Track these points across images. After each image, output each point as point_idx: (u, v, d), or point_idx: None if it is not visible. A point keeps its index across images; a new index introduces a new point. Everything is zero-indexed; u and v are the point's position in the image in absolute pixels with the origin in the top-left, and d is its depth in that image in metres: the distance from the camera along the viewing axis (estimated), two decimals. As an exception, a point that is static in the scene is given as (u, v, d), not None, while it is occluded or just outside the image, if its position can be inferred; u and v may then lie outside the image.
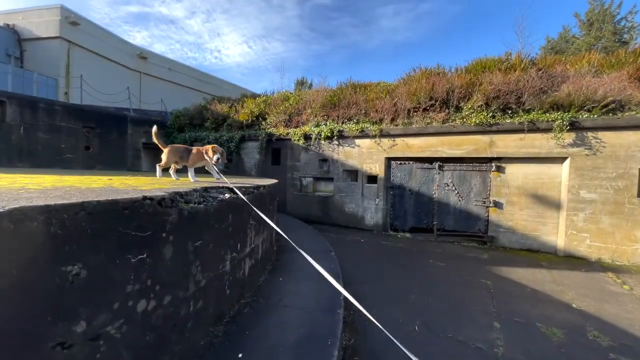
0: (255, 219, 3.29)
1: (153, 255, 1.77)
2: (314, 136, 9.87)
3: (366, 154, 9.31)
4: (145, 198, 1.71)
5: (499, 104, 7.92)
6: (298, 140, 10.24)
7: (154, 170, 4.07)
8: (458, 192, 8.34)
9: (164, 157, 3.84)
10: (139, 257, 1.67)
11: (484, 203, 8.03)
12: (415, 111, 9.00)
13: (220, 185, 2.92)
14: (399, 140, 8.85)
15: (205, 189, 2.62)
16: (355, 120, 9.59)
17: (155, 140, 3.97)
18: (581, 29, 24.61)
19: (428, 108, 8.79)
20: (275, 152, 11.00)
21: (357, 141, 9.44)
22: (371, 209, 9.24)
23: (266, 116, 11.57)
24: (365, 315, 1.57)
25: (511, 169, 7.78)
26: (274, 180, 5.92)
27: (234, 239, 2.72)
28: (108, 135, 12.02)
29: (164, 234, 1.84)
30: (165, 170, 4.04)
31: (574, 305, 4.68)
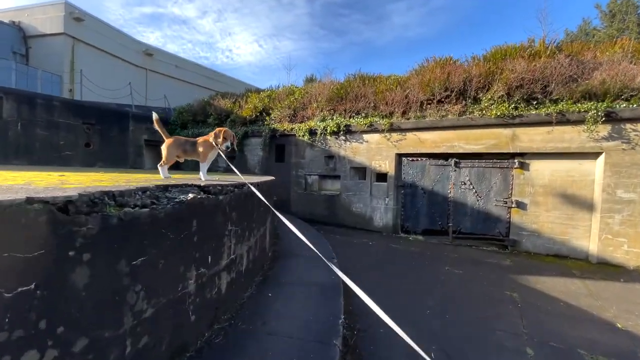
0: (237, 223, 2.73)
1: (48, 286, 1.21)
2: (319, 131, 9.27)
3: (375, 150, 8.66)
4: (31, 201, 1.15)
5: (522, 94, 7.16)
6: (303, 135, 9.66)
7: (158, 168, 3.34)
8: (476, 191, 7.62)
9: (163, 151, 3.17)
10: (20, 289, 1.11)
11: (505, 203, 7.28)
12: (429, 103, 8.29)
13: (190, 183, 2.36)
14: (410, 134, 8.17)
15: (165, 188, 2.06)
16: (363, 114, 8.95)
17: (158, 128, 3.20)
18: (603, 21, 23.27)
19: (443, 100, 8.07)
20: (279, 148, 10.45)
21: (366, 136, 8.79)
22: (380, 209, 8.59)
23: (270, 111, 11.03)
24: (371, 337, 0.96)
25: (536, 165, 7.02)
26: (270, 178, 5.38)
27: (202, 251, 2.15)
28: (109, 132, 11.70)
29: (71, 253, 1.28)
30: (172, 167, 3.35)
31: (618, 325, 3.97)
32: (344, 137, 9.12)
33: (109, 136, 11.69)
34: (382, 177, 8.65)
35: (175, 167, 7.03)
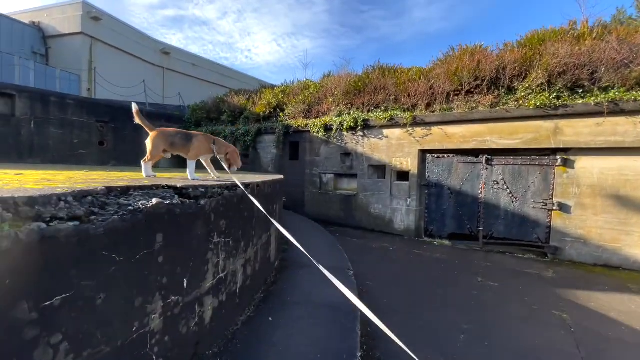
0: (228, 234, 2.20)
1: None
2: (335, 127, 8.67)
3: (396, 147, 7.97)
4: None
5: (565, 82, 6.30)
6: (317, 132, 9.09)
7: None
8: (511, 192, 6.81)
9: (148, 145, 2.76)
10: None
11: (545, 205, 6.45)
12: (457, 94, 7.54)
13: (165, 184, 1.84)
14: (436, 129, 7.43)
15: (125, 191, 1.55)
16: (383, 108, 8.27)
17: (139, 120, 2.81)
18: (638, 10, 21.40)
19: (472, 90, 7.30)
20: (293, 145, 9.93)
21: (385, 131, 8.12)
22: (402, 211, 7.91)
23: (284, 107, 10.52)
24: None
25: (583, 162, 6.15)
26: (278, 177, 4.86)
27: (172, 274, 1.63)
28: (122, 130, 11.54)
29: None
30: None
31: None
32: (361, 133, 8.49)
33: (122, 134, 11.54)
34: (403, 175, 7.96)
35: (178, 164, 6.64)
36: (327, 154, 9.14)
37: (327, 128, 8.93)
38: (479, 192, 7.12)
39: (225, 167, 2.93)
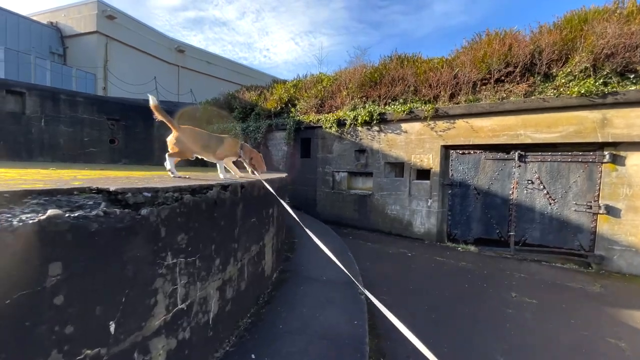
0: (193, 250, 1.68)
1: None
2: (349, 122, 8.05)
3: (415, 142, 7.28)
4: None
5: (614, 65, 5.45)
6: (330, 127, 8.51)
7: (183, 166, 2.90)
8: (548, 192, 6.00)
9: (177, 143, 2.51)
10: None
11: (590, 208, 5.62)
12: (484, 83, 6.77)
13: (88, 187, 1.33)
14: (461, 122, 6.69)
15: (24, 195, 1.05)
16: (401, 100, 7.59)
17: (161, 117, 2.52)
18: None
19: (503, 78, 6.51)
20: (305, 142, 9.39)
21: (404, 125, 7.44)
22: (422, 213, 7.22)
23: (296, 102, 9.99)
24: None
25: (636, 159, 5.28)
26: (278, 175, 4.34)
27: (83, 318, 1.12)
28: (134, 128, 11.38)
29: None
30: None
31: None
32: (377, 128, 7.84)
33: (133, 132, 11.38)
34: (423, 174, 7.27)
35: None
36: (341, 150, 8.55)
37: (340, 123, 8.34)
38: (510, 192, 6.34)
39: (249, 170, 3.12)
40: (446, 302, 4.13)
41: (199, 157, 2.93)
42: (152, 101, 2.44)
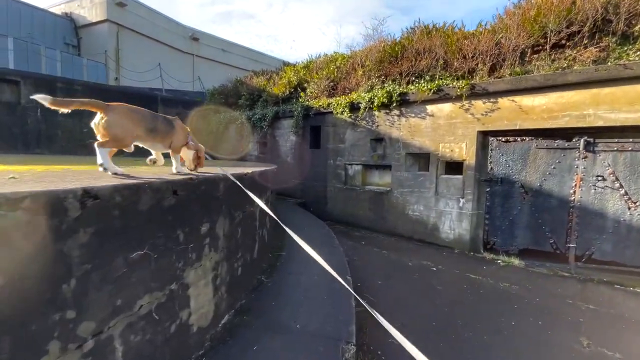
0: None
1: None
2: (363, 105, 6.78)
3: (445, 128, 5.91)
4: None
5: None
6: (342, 112, 7.28)
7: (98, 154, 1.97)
8: (627, 193, 4.48)
9: (104, 127, 1.87)
10: None
11: (691, 215, 4.06)
12: (536, 51, 5.29)
13: None
14: (504, 101, 5.25)
15: None
16: (427, 77, 6.20)
17: (66, 108, 1.85)
18: None
19: (562, 42, 5.00)
20: (314, 131, 8.23)
21: (430, 108, 6.08)
22: (451, 215, 5.87)
23: (305, 86, 8.82)
24: None
25: None
26: (258, 169, 3.25)
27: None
28: (137, 118, 10.70)
29: None
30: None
31: None
32: (397, 112, 6.51)
33: (137, 122, 10.71)
34: (454, 167, 5.90)
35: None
36: (354, 139, 7.30)
37: (354, 107, 7.08)
38: (571, 191, 4.86)
39: (191, 165, 2.57)
40: (485, 348, 2.87)
41: (142, 145, 2.31)
42: (45, 101, 1.82)
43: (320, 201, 8.04)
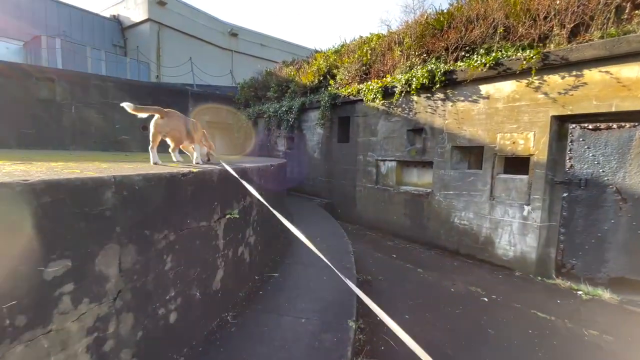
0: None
1: None
2: (399, 88, 5.64)
3: (504, 113, 4.59)
4: None
5: None
6: (373, 99, 6.20)
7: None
8: None
9: (158, 129, 2.57)
10: None
11: None
12: (637, 6, 3.78)
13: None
14: (593, 73, 3.82)
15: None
16: (482, 50, 4.89)
17: (143, 113, 2.48)
18: None
19: (690, -17, 3.46)
20: (343, 122, 7.24)
21: (485, 88, 4.78)
22: (511, 227, 4.55)
23: (335, 72, 7.84)
24: None
25: None
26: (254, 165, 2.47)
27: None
28: (168, 114, 10.57)
29: None
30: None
31: None
32: (441, 95, 5.29)
33: (167, 118, 10.58)
34: (517, 164, 4.56)
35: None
36: (387, 131, 6.19)
37: (387, 92, 5.97)
38: (702, 200, 3.34)
39: (204, 158, 3.11)
40: None
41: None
42: (129, 108, 2.32)
43: (348, 203, 7.05)
